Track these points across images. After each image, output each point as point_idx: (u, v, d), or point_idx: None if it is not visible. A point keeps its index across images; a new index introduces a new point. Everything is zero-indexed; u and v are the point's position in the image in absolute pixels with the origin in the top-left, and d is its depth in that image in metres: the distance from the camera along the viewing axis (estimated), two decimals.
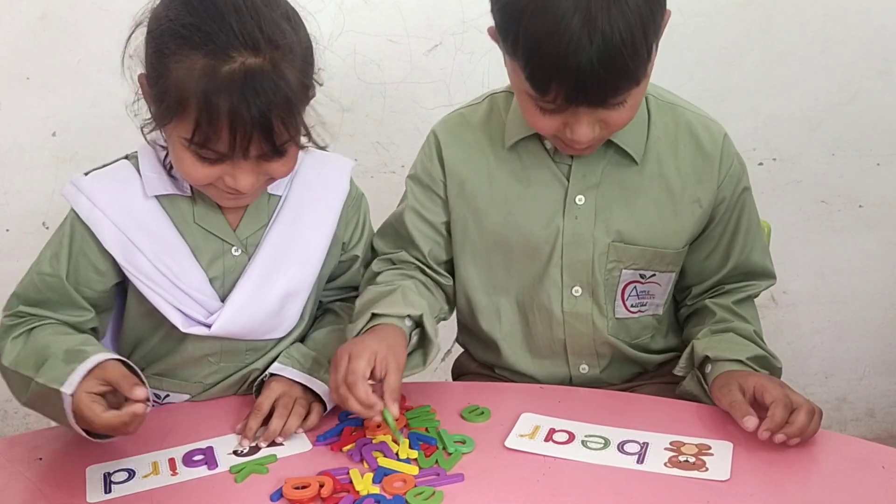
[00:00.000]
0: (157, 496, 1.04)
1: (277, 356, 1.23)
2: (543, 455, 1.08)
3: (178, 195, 1.18)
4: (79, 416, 1.03)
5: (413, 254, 1.34)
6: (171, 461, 1.10)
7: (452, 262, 1.35)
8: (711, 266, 1.32)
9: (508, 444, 1.10)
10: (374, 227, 1.37)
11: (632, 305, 1.31)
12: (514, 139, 1.26)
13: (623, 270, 1.27)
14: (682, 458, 1.06)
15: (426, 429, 1.14)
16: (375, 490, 1.02)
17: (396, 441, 1.11)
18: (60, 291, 1.16)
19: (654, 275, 1.29)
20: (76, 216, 1.16)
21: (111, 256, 1.16)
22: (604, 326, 1.30)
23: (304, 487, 1.02)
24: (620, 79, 1.06)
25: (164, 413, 1.22)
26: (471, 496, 1.02)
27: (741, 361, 1.18)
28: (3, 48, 1.91)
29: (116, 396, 1.04)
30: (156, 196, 1.17)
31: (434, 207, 1.33)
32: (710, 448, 1.08)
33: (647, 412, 1.17)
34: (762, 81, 2.04)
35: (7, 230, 2.04)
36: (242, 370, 1.25)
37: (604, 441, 1.10)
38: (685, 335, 1.36)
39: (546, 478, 1.04)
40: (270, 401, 1.16)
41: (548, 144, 1.25)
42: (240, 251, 1.20)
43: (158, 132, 1.14)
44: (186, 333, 1.18)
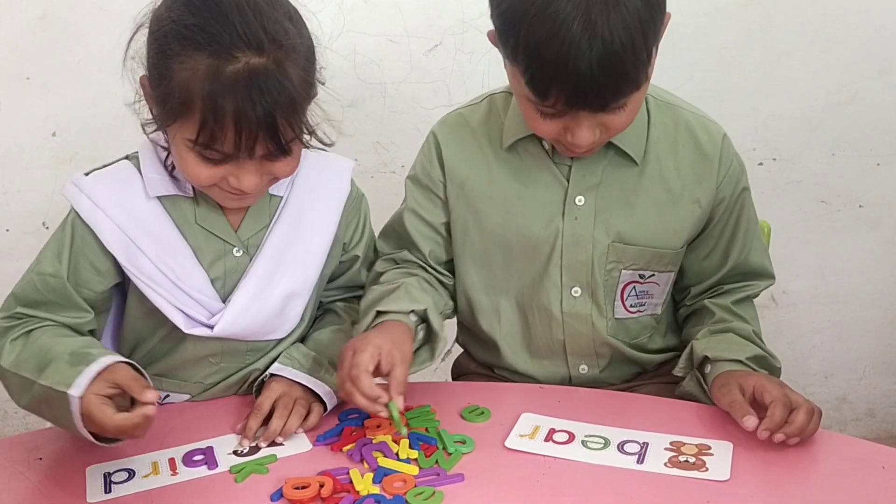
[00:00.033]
0: (157, 496, 1.04)
1: (278, 356, 1.23)
2: (543, 455, 1.08)
3: (180, 196, 1.18)
4: (87, 419, 1.02)
5: (415, 254, 1.34)
6: (171, 461, 1.10)
7: (453, 262, 1.35)
8: (710, 266, 1.32)
9: (508, 444, 1.10)
10: (375, 227, 1.37)
11: (631, 305, 1.31)
12: (513, 139, 1.26)
13: (622, 271, 1.27)
14: (682, 459, 1.06)
15: (426, 429, 1.14)
16: (375, 490, 1.02)
17: (399, 434, 1.10)
18: (61, 292, 1.15)
19: (653, 275, 1.29)
20: (77, 216, 1.16)
21: (112, 257, 1.16)
22: (603, 327, 1.30)
23: (305, 487, 1.02)
24: (620, 83, 1.06)
25: (164, 413, 1.21)
26: (471, 496, 1.02)
27: (740, 361, 1.18)
28: (3, 48, 1.91)
29: (122, 399, 1.03)
30: (157, 197, 1.17)
31: (433, 208, 1.33)
32: (710, 448, 1.08)
33: (647, 412, 1.17)
34: (762, 81, 2.04)
35: (7, 230, 2.04)
36: (243, 370, 1.25)
37: (604, 441, 1.10)
38: (684, 335, 1.36)
39: (546, 478, 1.04)
40: (270, 401, 1.16)
41: (546, 145, 1.25)
42: (241, 252, 1.20)
43: (159, 132, 1.14)
44: (187, 334, 1.18)
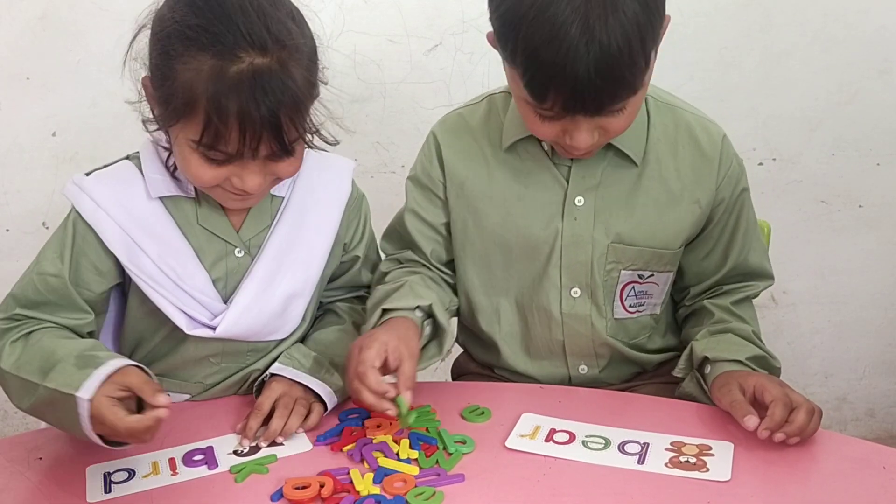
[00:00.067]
0: (157, 496, 1.04)
1: (278, 356, 1.23)
2: (544, 455, 1.08)
3: (182, 196, 1.18)
4: (97, 421, 1.01)
5: (418, 254, 1.34)
6: (171, 461, 1.09)
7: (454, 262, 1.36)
8: (710, 267, 1.32)
9: (509, 445, 1.10)
10: (374, 227, 1.37)
11: (630, 306, 1.31)
12: (512, 140, 1.26)
13: (622, 271, 1.27)
14: (683, 459, 1.06)
15: (427, 429, 1.14)
16: (376, 490, 1.02)
17: (408, 429, 1.11)
18: (62, 292, 1.15)
19: (653, 275, 1.29)
20: (78, 216, 1.15)
21: (113, 257, 1.15)
22: (602, 327, 1.29)
23: (305, 488, 1.02)
24: (617, 88, 1.05)
25: None
26: (471, 496, 1.02)
27: (740, 362, 1.18)
28: (3, 48, 1.91)
29: (129, 402, 1.02)
30: (159, 197, 1.17)
31: (433, 209, 1.33)
32: (711, 448, 1.08)
33: (648, 412, 1.17)
34: (762, 81, 2.04)
35: (7, 230, 2.04)
36: (243, 370, 1.24)
37: (604, 441, 1.10)
38: (683, 336, 1.36)
39: (547, 478, 1.04)
40: (271, 401, 1.16)
41: (546, 146, 1.25)
42: (243, 253, 1.20)
43: (160, 132, 1.14)
44: (188, 334, 1.17)
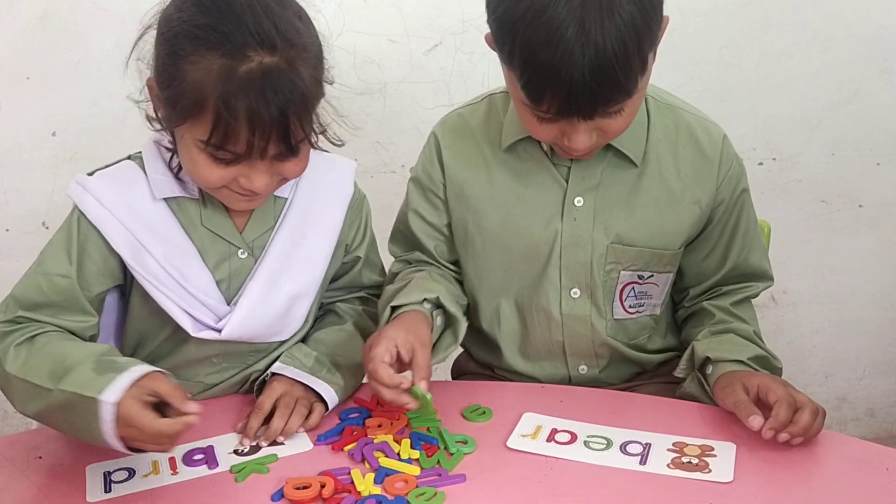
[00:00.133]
0: (157, 495, 1.04)
1: (279, 356, 1.22)
2: (545, 455, 1.08)
3: (186, 198, 1.17)
4: (124, 424, 0.98)
5: (425, 254, 1.35)
6: (172, 460, 1.09)
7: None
8: (709, 267, 1.32)
9: (510, 445, 1.10)
10: (375, 227, 1.37)
11: (630, 306, 1.31)
12: (511, 140, 1.26)
13: (621, 272, 1.27)
14: (685, 460, 1.06)
15: (427, 428, 1.14)
16: (377, 490, 1.02)
17: (399, 431, 1.11)
18: (69, 293, 1.13)
19: (652, 275, 1.29)
20: (82, 216, 1.14)
21: (116, 258, 1.15)
22: (602, 328, 1.29)
23: (306, 488, 1.01)
24: (612, 91, 1.05)
25: None
26: (473, 497, 1.02)
27: (742, 362, 1.18)
28: (3, 48, 1.90)
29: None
30: (163, 198, 1.16)
31: (435, 210, 1.33)
32: (713, 449, 1.08)
33: (650, 412, 1.17)
34: (762, 81, 2.04)
35: (7, 230, 2.03)
36: (244, 371, 1.24)
37: (606, 442, 1.10)
38: (684, 336, 1.36)
39: (548, 478, 1.04)
40: (272, 400, 1.15)
41: (545, 146, 1.25)
42: (246, 254, 1.20)
43: (161, 132, 1.13)
44: (190, 335, 1.16)
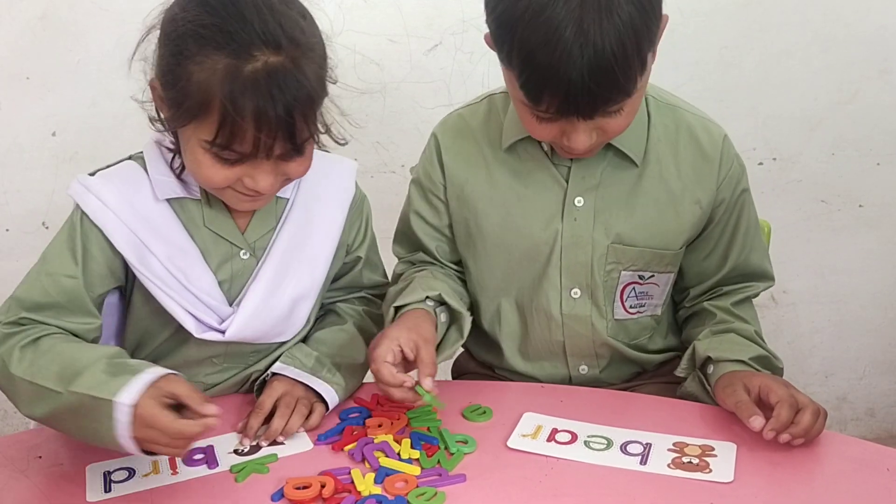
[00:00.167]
0: (157, 495, 1.04)
1: (280, 356, 1.22)
2: (546, 455, 1.08)
3: (188, 198, 1.17)
4: (142, 425, 0.97)
5: (429, 255, 1.35)
6: (172, 460, 1.09)
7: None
8: (710, 267, 1.32)
9: (511, 444, 1.10)
10: (375, 227, 1.37)
11: (630, 306, 1.30)
12: (511, 140, 1.25)
13: (622, 272, 1.27)
14: (686, 460, 1.06)
15: (428, 428, 1.14)
16: (377, 490, 1.02)
17: (399, 431, 1.12)
18: (74, 294, 1.12)
19: (653, 276, 1.29)
20: (84, 216, 1.13)
21: (119, 259, 1.14)
22: (603, 328, 1.29)
23: (306, 487, 1.01)
24: (611, 91, 1.05)
25: None
26: (473, 496, 1.02)
27: (743, 362, 1.18)
28: (3, 48, 1.90)
29: None
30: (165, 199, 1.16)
31: (436, 211, 1.33)
32: (714, 449, 1.08)
33: (650, 412, 1.17)
34: (762, 81, 2.04)
35: (7, 230, 2.03)
36: (244, 371, 1.24)
37: (606, 442, 1.10)
38: (685, 336, 1.35)
39: (548, 478, 1.04)
40: (272, 400, 1.15)
41: (545, 146, 1.24)
42: (248, 255, 1.20)
43: (162, 133, 1.13)
44: (190, 334, 1.16)
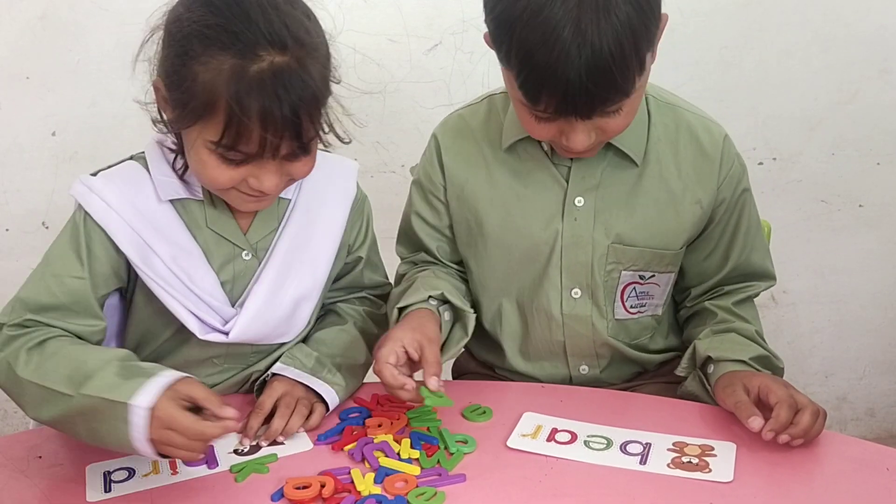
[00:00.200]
0: (157, 495, 1.04)
1: (280, 357, 1.22)
2: (546, 455, 1.08)
3: (190, 199, 1.17)
4: (160, 427, 0.97)
5: (430, 255, 1.36)
6: (172, 460, 1.08)
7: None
8: (711, 267, 1.32)
9: (511, 444, 1.10)
10: (375, 226, 1.37)
11: (631, 306, 1.30)
12: (511, 140, 1.26)
13: (622, 272, 1.27)
14: (685, 459, 1.06)
15: (428, 428, 1.14)
16: (377, 490, 1.02)
17: (399, 431, 1.12)
18: (80, 295, 1.11)
19: (654, 276, 1.29)
20: (87, 216, 1.12)
21: (122, 259, 1.14)
22: (603, 328, 1.29)
23: (306, 487, 1.01)
24: (609, 92, 1.05)
25: None
26: (473, 496, 1.02)
27: (744, 362, 1.18)
28: (3, 48, 1.90)
29: None
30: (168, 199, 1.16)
31: (437, 212, 1.33)
32: (714, 449, 1.08)
33: (650, 412, 1.17)
34: (762, 81, 2.04)
35: (7, 230, 2.03)
36: (244, 371, 1.24)
37: (606, 441, 1.10)
38: (685, 336, 1.36)
39: (548, 478, 1.04)
40: (272, 400, 1.15)
41: (545, 146, 1.24)
42: (250, 255, 1.19)
43: (164, 133, 1.13)
44: (192, 334, 1.16)
